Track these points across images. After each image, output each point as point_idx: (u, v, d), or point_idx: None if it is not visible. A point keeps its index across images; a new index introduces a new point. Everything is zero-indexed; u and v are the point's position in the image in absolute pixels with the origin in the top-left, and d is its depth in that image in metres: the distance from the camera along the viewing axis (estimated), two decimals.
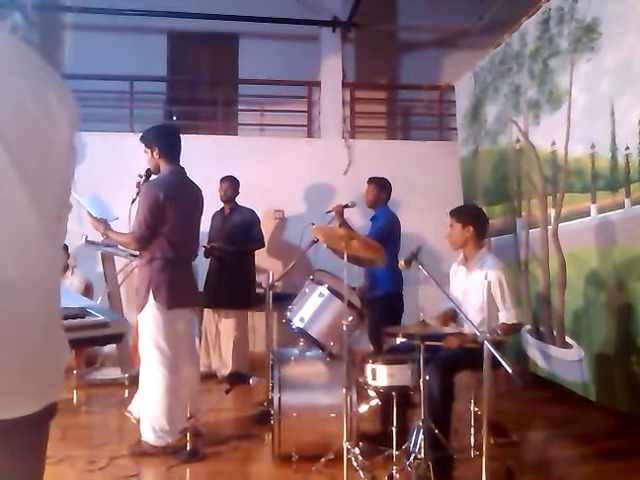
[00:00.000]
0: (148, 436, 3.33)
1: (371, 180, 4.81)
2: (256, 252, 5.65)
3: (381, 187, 4.75)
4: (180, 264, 3.42)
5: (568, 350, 4.12)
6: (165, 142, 3.45)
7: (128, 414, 3.63)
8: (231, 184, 5.44)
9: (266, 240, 6.36)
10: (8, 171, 0.93)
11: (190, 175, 3.59)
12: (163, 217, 3.33)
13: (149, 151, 3.46)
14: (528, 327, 4.62)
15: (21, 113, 0.96)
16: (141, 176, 3.52)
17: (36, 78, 1.02)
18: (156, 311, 3.32)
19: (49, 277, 1.03)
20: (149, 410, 3.34)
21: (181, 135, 3.56)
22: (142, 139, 3.49)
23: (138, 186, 3.50)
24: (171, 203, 3.34)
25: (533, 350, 4.70)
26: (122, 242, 3.58)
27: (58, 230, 1.08)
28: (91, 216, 3.54)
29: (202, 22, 7.06)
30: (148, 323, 3.35)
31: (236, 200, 5.51)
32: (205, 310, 5.40)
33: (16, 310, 0.94)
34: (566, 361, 4.17)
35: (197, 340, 3.75)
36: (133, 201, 3.50)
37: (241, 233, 5.37)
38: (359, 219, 5.12)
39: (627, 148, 3.40)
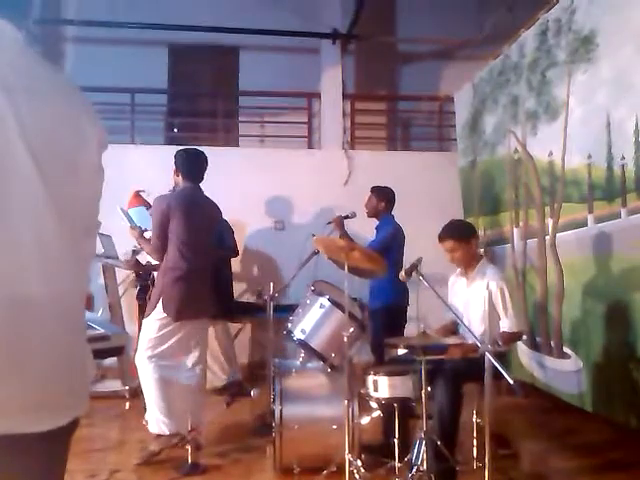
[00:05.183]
0: (153, 427, 3.44)
1: (372, 189, 4.82)
2: (256, 264, 5.64)
3: (380, 196, 4.74)
4: (192, 276, 3.49)
5: (565, 360, 4.12)
6: (185, 166, 3.68)
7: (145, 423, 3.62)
8: None
9: (267, 251, 6.39)
10: (37, 186, 0.95)
11: None
12: (170, 228, 3.47)
13: (174, 169, 3.71)
14: (524, 337, 4.61)
15: (52, 132, 0.99)
16: (171, 190, 3.86)
17: (65, 98, 1.06)
18: (162, 321, 3.42)
19: (74, 294, 1.05)
20: (151, 403, 3.46)
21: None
22: (174, 156, 3.75)
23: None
24: (176, 214, 3.47)
25: (529, 361, 4.70)
26: (146, 251, 3.80)
27: (85, 247, 1.10)
28: (131, 224, 3.83)
29: (203, 35, 7.11)
30: (151, 330, 3.45)
31: None
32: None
33: (40, 326, 0.96)
34: (563, 372, 4.16)
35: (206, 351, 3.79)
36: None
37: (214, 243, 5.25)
38: (362, 230, 5.12)
39: (623, 158, 3.42)
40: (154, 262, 3.98)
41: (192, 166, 3.71)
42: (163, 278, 3.49)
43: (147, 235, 3.75)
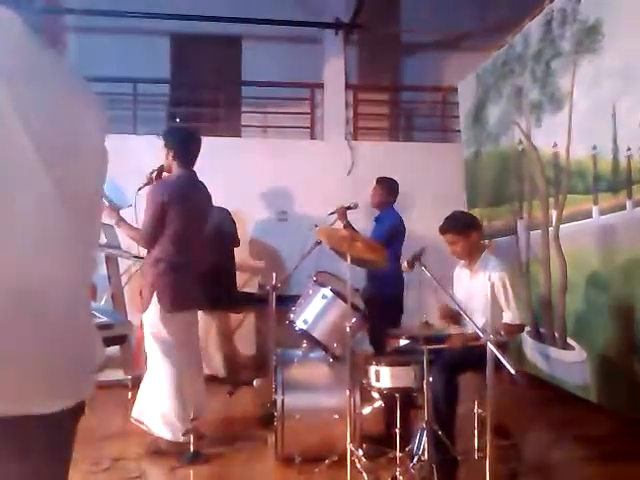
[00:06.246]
0: (164, 433, 3.35)
1: (379, 180, 4.81)
2: (259, 254, 5.62)
3: (388, 188, 4.76)
4: (185, 267, 3.42)
5: (569, 352, 4.12)
6: (180, 147, 3.48)
7: (136, 422, 3.54)
8: None
9: (269, 242, 6.37)
10: (40, 173, 0.95)
11: None
12: (166, 219, 3.35)
13: (165, 150, 3.50)
14: (528, 329, 4.61)
15: (53, 118, 0.99)
16: (153, 170, 3.55)
17: (66, 84, 1.06)
18: (160, 312, 3.35)
19: (79, 278, 1.05)
20: (164, 407, 3.35)
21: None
22: (163, 136, 3.53)
23: (149, 177, 3.54)
24: (175, 206, 3.35)
25: (533, 352, 4.70)
26: (131, 236, 3.58)
27: (90, 232, 1.11)
28: (108, 203, 3.55)
29: (205, 24, 7.08)
30: (153, 324, 3.38)
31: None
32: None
33: (43, 311, 0.96)
34: (567, 363, 4.17)
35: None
36: (139, 189, 3.51)
37: (214, 234, 5.12)
38: (364, 220, 5.12)
39: (629, 149, 3.40)
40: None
41: (188, 149, 3.50)
42: (154, 269, 3.36)
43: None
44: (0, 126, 0.92)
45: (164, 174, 3.55)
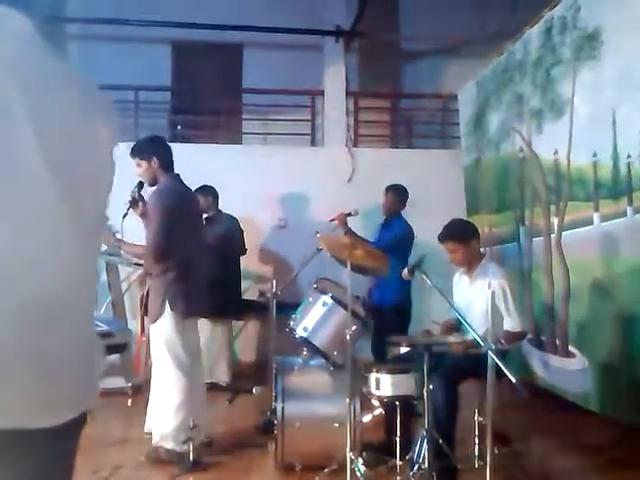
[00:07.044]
0: (167, 442, 3.32)
1: (389, 189, 4.81)
2: (259, 261, 5.61)
3: (399, 196, 4.78)
4: (193, 273, 3.41)
5: (571, 359, 4.10)
6: (163, 151, 3.43)
7: (148, 435, 3.51)
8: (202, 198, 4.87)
9: (270, 248, 6.38)
10: (47, 179, 0.94)
11: (194, 184, 3.61)
12: (175, 226, 3.28)
13: (144, 163, 3.38)
14: (529, 337, 4.60)
15: (63, 127, 0.98)
16: (134, 191, 3.43)
17: (74, 90, 1.04)
18: (172, 321, 3.32)
19: (83, 288, 1.05)
20: (170, 416, 3.32)
21: (185, 144, 3.61)
22: (135, 152, 3.35)
23: (132, 200, 3.42)
24: (180, 212, 3.34)
25: (534, 360, 4.68)
26: (139, 254, 3.50)
27: (94, 241, 1.11)
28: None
29: (206, 32, 7.11)
30: (164, 333, 3.34)
31: (219, 208, 5.35)
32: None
33: (49, 321, 0.96)
34: (568, 371, 4.15)
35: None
36: (124, 216, 3.37)
37: (221, 241, 5.09)
38: (365, 227, 5.12)
39: (629, 156, 3.41)
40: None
41: (169, 152, 3.45)
42: (165, 277, 3.32)
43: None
44: (5, 121, 0.91)
45: (145, 188, 3.45)
